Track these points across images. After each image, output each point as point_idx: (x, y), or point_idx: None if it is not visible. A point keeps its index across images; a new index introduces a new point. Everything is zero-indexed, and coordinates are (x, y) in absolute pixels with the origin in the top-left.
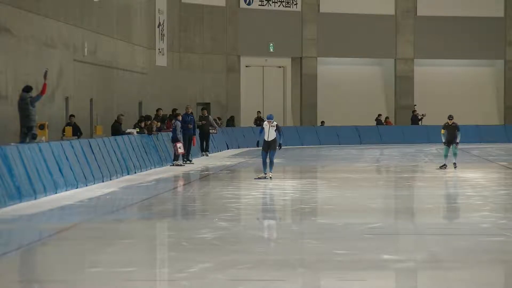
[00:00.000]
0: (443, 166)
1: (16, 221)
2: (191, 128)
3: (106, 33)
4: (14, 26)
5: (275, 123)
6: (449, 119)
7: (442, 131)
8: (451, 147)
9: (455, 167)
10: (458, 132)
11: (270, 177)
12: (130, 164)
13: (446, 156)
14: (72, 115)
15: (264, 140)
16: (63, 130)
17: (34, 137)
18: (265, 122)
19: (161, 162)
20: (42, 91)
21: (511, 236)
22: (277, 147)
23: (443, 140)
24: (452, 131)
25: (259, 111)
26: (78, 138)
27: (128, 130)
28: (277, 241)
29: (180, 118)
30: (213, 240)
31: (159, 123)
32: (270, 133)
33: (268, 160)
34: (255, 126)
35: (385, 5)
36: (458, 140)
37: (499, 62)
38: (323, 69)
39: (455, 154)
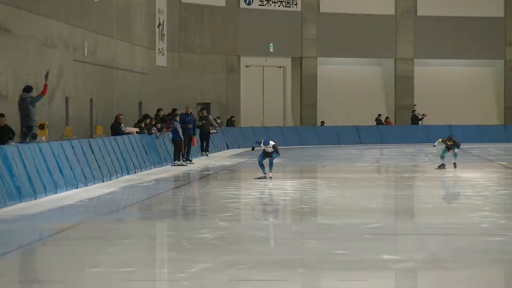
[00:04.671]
0: (442, 166)
1: (16, 221)
2: (191, 128)
3: (106, 33)
4: (14, 26)
5: (272, 143)
6: (449, 141)
7: (440, 140)
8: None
9: (455, 167)
10: (458, 148)
11: (270, 177)
12: (130, 164)
13: (442, 157)
14: (1, 115)
15: (264, 150)
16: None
17: (34, 137)
18: (262, 145)
19: (161, 162)
20: (43, 92)
21: (511, 236)
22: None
23: (435, 144)
24: (451, 147)
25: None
26: (10, 140)
27: (128, 130)
28: (277, 241)
29: (178, 118)
30: (213, 240)
31: (159, 124)
32: (268, 150)
33: (267, 161)
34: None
35: (385, 5)
36: (456, 151)
37: (499, 62)
38: (323, 69)
39: (455, 155)
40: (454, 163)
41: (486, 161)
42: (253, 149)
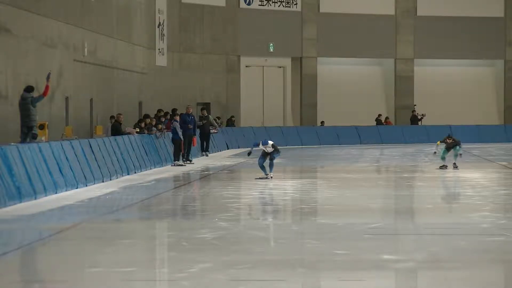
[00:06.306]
0: (443, 167)
1: (16, 221)
2: (191, 128)
3: (106, 33)
4: (14, 26)
5: (270, 143)
6: (448, 139)
7: (438, 142)
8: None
9: (455, 167)
10: (459, 147)
11: (271, 177)
12: (130, 164)
13: (443, 158)
14: None
15: (263, 150)
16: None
17: (34, 137)
18: (261, 146)
19: (161, 162)
20: (44, 93)
21: (511, 236)
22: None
23: (435, 150)
24: (451, 146)
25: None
26: None
27: (128, 130)
28: (277, 241)
29: (177, 118)
30: (213, 240)
31: (160, 125)
32: (268, 150)
33: (268, 161)
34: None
35: (385, 5)
36: (460, 152)
37: (499, 62)
38: (323, 69)
39: (455, 155)
40: (454, 163)
41: (486, 161)
42: (249, 154)
